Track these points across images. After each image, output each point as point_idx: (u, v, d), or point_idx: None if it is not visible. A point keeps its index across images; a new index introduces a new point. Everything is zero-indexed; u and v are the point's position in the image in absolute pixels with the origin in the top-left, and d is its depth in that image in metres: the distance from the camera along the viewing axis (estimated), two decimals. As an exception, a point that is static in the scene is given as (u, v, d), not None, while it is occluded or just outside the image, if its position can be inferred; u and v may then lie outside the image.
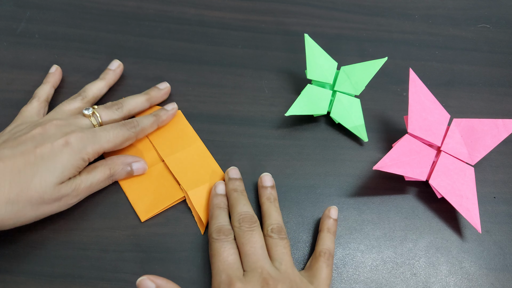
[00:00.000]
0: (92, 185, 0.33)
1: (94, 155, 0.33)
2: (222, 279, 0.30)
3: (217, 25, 0.48)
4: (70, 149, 0.31)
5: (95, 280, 0.32)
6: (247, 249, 0.31)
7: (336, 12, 0.51)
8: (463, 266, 0.35)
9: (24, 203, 0.29)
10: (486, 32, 0.51)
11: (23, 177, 0.29)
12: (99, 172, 0.34)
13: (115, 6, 0.48)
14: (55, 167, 0.30)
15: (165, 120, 0.38)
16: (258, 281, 0.29)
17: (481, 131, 0.38)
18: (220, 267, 0.30)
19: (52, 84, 0.40)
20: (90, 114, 0.35)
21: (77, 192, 0.32)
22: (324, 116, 0.42)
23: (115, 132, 0.34)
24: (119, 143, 0.34)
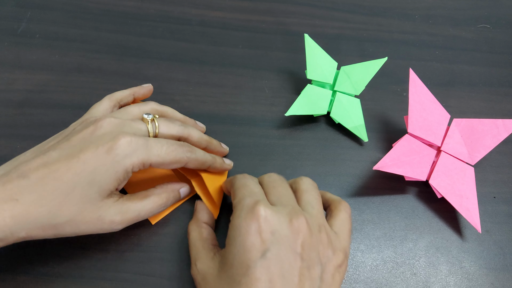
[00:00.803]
0: (140, 215, 0.30)
1: (139, 166, 0.29)
2: (246, 202, 0.27)
3: (217, 25, 0.48)
4: (113, 157, 0.28)
5: (95, 280, 0.32)
6: (278, 191, 0.29)
7: (336, 12, 0.51)
8: (463, 266, 0.36)
9: (64, 217, 0.27)
10: (486, 32, 0.51)
11: (65, 187, 0.27)
12: (151, 201, 0.31)
13: (116, 6, 0.48)
14: (95, 181, 0.27)
15: (217, 168, 0.34)
16: (287, 213, 0.27)
17: (481, 131, 0.38)
18: (244, 194, 0.28)
19: (133, 91, 0.37)
20: (149, 120, 0.31)
21: (122, 218, 0.29)
22: (324, 116, 0.42)
23: (170, 148, 0.30)
24: (168, 162, 0.30)
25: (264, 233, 0.25)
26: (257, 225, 0.25)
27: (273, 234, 0.25)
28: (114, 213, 0.29)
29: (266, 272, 0.24)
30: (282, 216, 0.26)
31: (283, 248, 0.25)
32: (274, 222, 0.26)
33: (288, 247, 0.25)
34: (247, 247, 0.25)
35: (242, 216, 0.26)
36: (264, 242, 0.25)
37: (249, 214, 0.26)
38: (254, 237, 0.25)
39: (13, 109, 0.38)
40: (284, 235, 0.26)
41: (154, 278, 0.33)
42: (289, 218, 0.26)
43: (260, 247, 0.25)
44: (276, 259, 0.25)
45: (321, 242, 0.27)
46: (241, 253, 0.25)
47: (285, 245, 0.25)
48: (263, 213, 0.26)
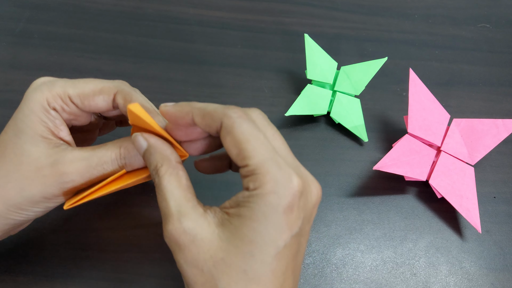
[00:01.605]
0: (92, 166, 0.25)
1: (56, 101, 0.25)
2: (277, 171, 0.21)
3: (216, 25, 0.48)
4: (25, 97, 0.26)
5: (95, 281, 0.32)
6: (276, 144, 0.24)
7: (335, 12, 0.51)
8: (463, 266, 0.35)
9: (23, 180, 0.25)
10: (486, 31, 0.51)
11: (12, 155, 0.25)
12: (106, 150, 0.25)
13: (114, 6, 0.48)
14: (17, 127, 0.25)
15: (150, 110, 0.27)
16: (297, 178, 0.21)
17: (481, 131, 0.38)
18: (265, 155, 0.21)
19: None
20: None
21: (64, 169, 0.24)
22: (324, 116, 0.42)
23: (91, 79, 0.27)
24: (89, 91, 0.26)
25: (297, 211, 0.21)
26: (294, 201, 0.21)
27: (304, 207, 0.22)
28: (55, 161, 0.25)
29: (288, 254, 0.21)
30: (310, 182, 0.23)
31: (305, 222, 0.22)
32: (305, 192, 0.22)
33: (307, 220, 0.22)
34: (280, 227, 0.20)
35: (276, 191, 0.20)
36: (296, 220, 0.21)
37: (286, 188, 0.21)
38: (289, 217, 0.21)
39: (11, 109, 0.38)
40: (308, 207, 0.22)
41: (153, 278, 0.32)
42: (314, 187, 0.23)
43: (292, 226, 0.21)
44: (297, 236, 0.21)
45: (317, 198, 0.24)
46: (268, 232, 0.20)
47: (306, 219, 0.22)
48: (300, 187, 0.21)
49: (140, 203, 0.35)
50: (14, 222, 0.26)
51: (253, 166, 0.21)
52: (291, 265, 0.21)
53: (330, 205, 0.37)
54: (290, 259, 0.21)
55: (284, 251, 0.21)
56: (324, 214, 0.37)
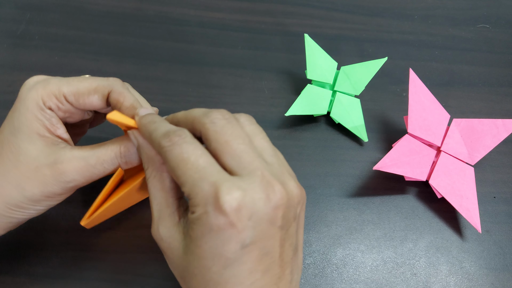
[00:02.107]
0: (91, 164, 0.25)
1: (51, 99, 0.25)
2: (203, 194, 0.21)
3: (216, 26, 0.48)
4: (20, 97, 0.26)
5: (95, 281, 0.32)
6: (235, 148, 0.22)
7: (335, 13, 0.51)
8: (463, 266, 0.35)
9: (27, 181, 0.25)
10: (485, 32, 0.51)
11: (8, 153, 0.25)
12: (106, 150, 0.26)
13: (115, 8, 0.48)
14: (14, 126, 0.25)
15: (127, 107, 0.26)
16: (258, 187, 0.21)
17: (481, 131, 0.38)
18: (193, 177, 0.21)
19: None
20: None
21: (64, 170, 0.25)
22: (324, 116, 0.42)
23: (84, 78, 0.26)
24: (84, 89, 0.26)
25: (240, 223, 0.20)
26: (229, 218, 0.20)
27: (251, 219, 0.21)
28: (54, 160, 0.25)
29: (248, 258, 0.21)
30: (256, 194, 0.21)
31: (263, 228, 0.21)
32: (247, 205, 0.21)
33: (269, 225, 0.22)
34: (221, 243, 0.21)
35: (207, 211, 0.21)
36: (242, 232, 0.21)
37: (215, 207, 0.20)
38: (228, 232, 0.21)
39: (13, 110, 0.38)
40: (263, 214, 0.21)
41: (154, 279, 0.33)
42: (265, 194, 0.21)
43: (237, 238, 0.21)
44: (257, 242, 0.21)
45: (297, 197, 0.23)
46: (214, 248, 0.21)
47: (265, 225, 0.21)
48: (231, 202, 0.20)
49: (141, 204, 0.36)
50: (16, 220, 0.27)
51: (187, 192, 0.22)
52: (259, 267, 0.22)
53: (331, 205, 0.37)
54: (253, 263, 0.21)
55: (239, 259, 0.21)
56: (325, 214, 0.37)
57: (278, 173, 0.23)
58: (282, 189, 0.22)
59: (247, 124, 0.25)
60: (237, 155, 0.22)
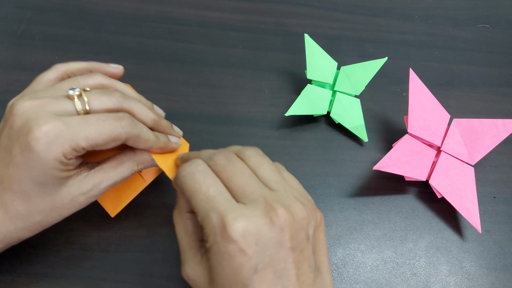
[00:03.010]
0: (116, 183, 0.28)
1: (72, 154, 0.25)
2: (213, 223, 0.23)
3: (217, 26, 0.48)
4: (38, 154, 0.24)
5: (95, 281, 0.32)
6: (237, 181, 0.25)
7: (336, 13, 0.51)
8: (463, 266, 0.35)
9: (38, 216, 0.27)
10: (485, 32, 0.51)
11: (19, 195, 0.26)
12: (126, 168, 0.28)
13: (115, 7, 0.48)
14: (39, 182, 0.25)
15: (161, 148, 0.30)
16: (262, 212, 0.23)
17: (481, 131, 0.38)
18: (204, 207, 0.23)
19: (91, 66, 0.32)
20: (75, 96, 0.26)
21: (96, 192, 0.27)
22: (324, 116, 0.42)
23: (101, 126, 0.25)
24: (103, 143, 0.26)
25: (248, 249, 0.22)
26: (238, 246, 0.22)
27: (258, 243, 0.22)
28: (87, 191, 0.27)
29: (263, 281, 0.23)
30: (260, 219, 0.23)
31: (273, 251, 0.23)
32: (253, 231, 0.22)
33: (278, 247, 0.23)
34: (236, 269, 0.22)
35: (217, 240, 0.23)
36: (252, 257, 0.22)
37: (223, 237, 0.22)
38: (240, 257, 0.22)
39: (13, 110, 0.38)
40: (269, 238, 0.23)
41: (154, 278, 0.33)
42: (269, 219, 0.23)
43: (249, 264, 0.22)
44: (269, 266, 0.23)
45: (305, 219, 0.24)
46: (231, 275, 0.23)
47: (274, 248, 0.23)
48: (238, 229, 0.22)
49: (141, 204, 0.36)
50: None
51: (200, 222, 0.24)
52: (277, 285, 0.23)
53: (331, 206, 0.37)
54: (268, 283, 0.23)
55: (255, 284, 0.22)
56: (325, 214, 0.37)
57: (282, 198, 0.24)
58: (285, 212, 0.23)
59: (252, 156, 0.27)
60: (239, 188, 0.24)
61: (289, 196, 0.25)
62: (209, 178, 0.25)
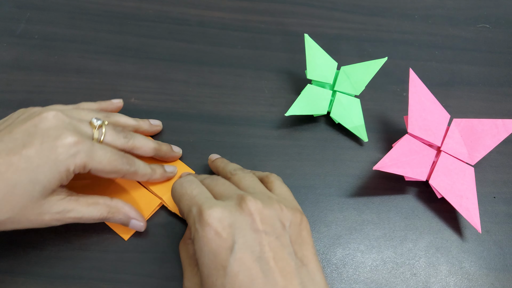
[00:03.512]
0: (82, 219, 0.30)
1: (79, 169, 0.29)
2: (193, 213, 0.27)
3: (216, 26, 0.48)
4: (57, 156, 0.27)
5: (95, 281, 0.32)
6: (218, 189, 0.29)
7: (335, 13, 0.51)
8: (463, 266, 0.35)
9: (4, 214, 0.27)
10: (485, 32, 0.51)
11: (5, 185, 0.26)
12: (97, 210, 0.31)
13: (115, 7, 0.48)
14: (37, 180, 0.27)
15: (158, 179, 0.35)
16: (234, 201, 0.27)
17: (481, 131, 0.38)
18: (187, 204, 0.28)
19: (100, 107, 0.36)
20: (97, 126, 0.31)
21: (63, 217, 0.29)
22: (324, 116, 0.42)
23: (112, 157, 0.30)
24: (107, 171, 0.30)
25: (223, 231, 0.25)
26: (213, 228, 0.25)
27: (231, 226, 0.25)
28: (56, 212, 0.29)
29: (241, 263, 0.24)
30: (231, 206, 0.26)
31: (246, 233, 0.25)
32: (226, 216, 0.26)
33: (250, 229, 0.25)
34: (214, 251, 0.25)
35: (196, 227, 0.26)
36: (227, 239, 0.25)
37: (201, 223, 0.26)
38: (216, 240, 0.25)
39: (12, 110, 0.38)
40: (241, 221, 0.26)
41: (153, 279, 0.33)
42: (238, 204, 0.26)
43: (226, 244, 0.25)
44: (244, 246, 0.25)
45: (276, 210, 0.27)
46: (212, 259, 0.25)
47: (246, 230, 0.25)
48: (212, 214, 0.25)
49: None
50: None
51: (186, 219, 0.28)
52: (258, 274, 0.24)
53: (330, 205, 0.37)
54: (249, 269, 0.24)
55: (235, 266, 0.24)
56: (324, 214, 0.37)
57: (255, 195, 0.28)
58: (254, 200, 0.27)
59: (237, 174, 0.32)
60: (219, 192, 0.29)
61: (266, 196, 0.28)
62: (194, 184, 0.29)
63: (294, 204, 0.30)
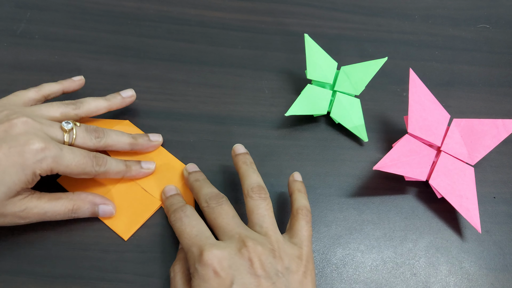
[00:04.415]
0: (47, 214, 0.31)
1: (46, 172, 0.29)
2: (193, 254, 0.28)
3: (217, 26, 0.48)
4: (24, 160, 0.28)
5: (95, 281, 0.32)
6: (220, 222, 0.30)
7: (336, 13, 0.51)
8: (463, 266, 0.35)
9: None
10: (485, 32, 0.51)
11: None
12: (60, 204, 0.31)
13: (115, 7, 0.48)
14: (3, 181, 0.28)
15: (134, 176, 0.35)
16: (235, 245, 0.28)
17: (481, 131, 0.38)
18: (187, 243, 0.29)
19: (62, 86, 0.37)
20: (68, 130, 0.31)
21: (27, 214, 0.30)
22: (324, 116, 0.42)
23: (80, 161, 0.31)
24: (75, 173, 0.31)
25: (223, 271, 0.26)
26: (213, 268, 0.27)
27: (230, 267, 0.27)
28: (19, 210, 0.29)
29: None
30: (231, 250, 0.27)
31: (244, 275, 0.27)
32: (225, 258, 0.27)
33: (248, 273, 0.27)
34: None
35: (196, 267, 0.27)
36: (226, 279, 0.26)
37: (201, 264, 0.27)
38: (215, 279, 0.26)
39: (13, 110, 0.38)
40: (240, 265, 0.27)
41: (153, 279, 0.33)
42: (238, 249, 0.28)
43: (224, 284, 0.26)
44: (242, 287, 0.26)
45: (278, 257, 0.28)
46: None
47: (245, 273, 0.27)
48: (212, 256, 0.27)
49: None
50: None
51: (186, 255, 0.29)
52: None
53: (330, 205, 0.38)
54: None
55: None
56: (324, 214, 0.37)
57: (256, 237, 0.29)
58: (253, 246, 0.28)
59: (253, 198, 0.31)
60: (221, 227, 0.30)
61: (269, 241, 0.29)
62: (194, 220, 0.30)
63: (303, 251, 0.30)
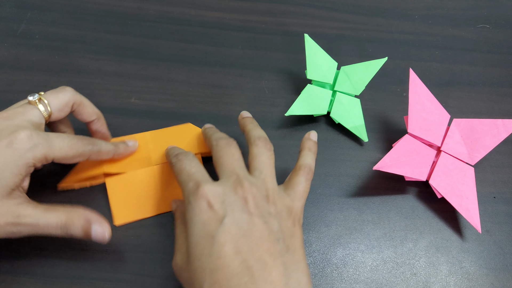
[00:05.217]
0: (39, 226, 0.28)
1: (41, 161, 0.28)
2: (189, 188, 0.28)
3: (217, 26, 0.48)
4: (13, 151, 0.27)
5: (95, 281, 0.32)
6: (223, 161, 0.30)
7: (336, 13, 0.51)
8: (463, 266, 0.36)
9: None
10: (485, 32, 0.51)
11: None
12: (55, 215, 0.29)
13: (116, 7, 0.48)
14: None
15: (122, 153, 0.35)
16: (231, 183, 0.28)
17: (481, 131, 0.38)
18: (185, 179, 0.29)
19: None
20: (36, 100, 0.30)
21: (20, 222, 0.27)
22: (324, 116, 0.42)
23: (71, 142, 0.30)
24: (71, 156, 0.30)
25: (215, 205, 0.27)
26: (206, 201, 0.27)
27: (223, 202, 0.27)
28: (12, 216, 0.27)
29: (229, 236, 0.25)
30: (227, 187, 0.28)
31: (237, 211, 0.26)
32: (220, 193, 0.27)
33: (241, 210, 0.27)
34: (204, 221, 0.26)
35: (190, 200, 0.27)
36: (218, 212, 0.26)
37: (195, 196, 0.27)
38: (208, 212, 0.26)
39: (13, 110, 0.38)
40: (233, 201, 0.27)
41: (154, 278, 0.33)
42: (233, 188, 0.28)
43: (216, 217, 0.26)
44: (234, 222, 0.26)
45: (271, 203, 0.29)
46: (201, 228, 0.26)
47: (238, 209, 0.27)
48: (207, 190, 0.27)
49: (141, 203, 0.35)
50: None
51: (182, 192, 0.29)
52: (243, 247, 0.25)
53: (331, 205, 0.38)
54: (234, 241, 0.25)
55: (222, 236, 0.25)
56: (325, 214, 0.37)
57: (253, 180, 0.29)
58: (249, 187, 0.28)
59: (258, 145, 0.32)
60: (223, 165, 0.30)
61: (265, 187, 0.29)
62: (194, 163, 0.30)
63: (294, 204, 0.30)
